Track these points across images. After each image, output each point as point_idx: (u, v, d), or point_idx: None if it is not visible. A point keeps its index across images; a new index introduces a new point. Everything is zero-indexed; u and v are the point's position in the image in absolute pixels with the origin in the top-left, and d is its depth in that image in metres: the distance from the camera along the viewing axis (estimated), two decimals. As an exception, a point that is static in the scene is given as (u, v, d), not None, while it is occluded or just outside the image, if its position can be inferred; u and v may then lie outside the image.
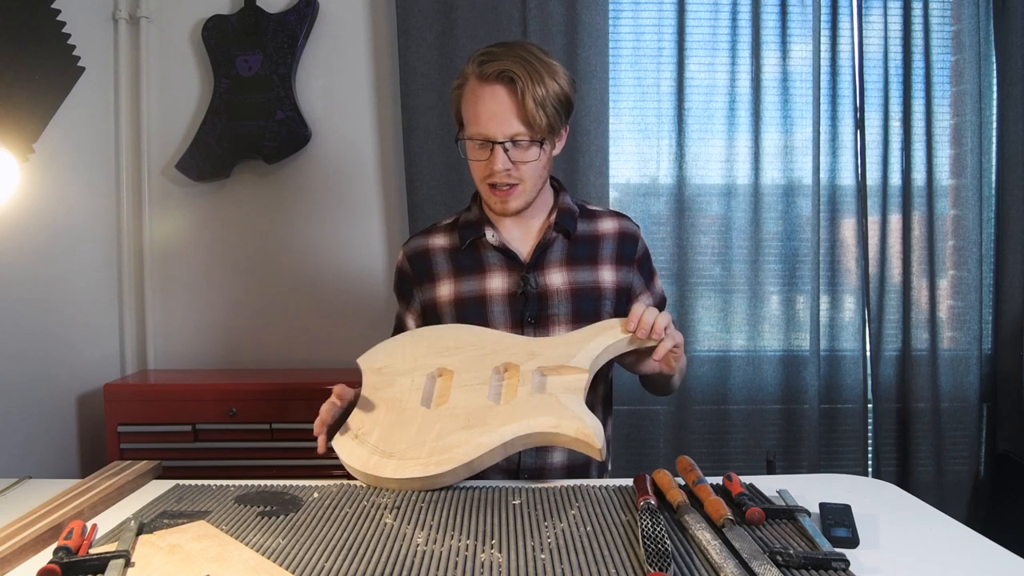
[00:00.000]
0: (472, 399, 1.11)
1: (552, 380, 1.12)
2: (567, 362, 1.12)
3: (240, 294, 2.19)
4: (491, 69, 1.17)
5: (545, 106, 1.17)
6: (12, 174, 1.17)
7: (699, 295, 2.18)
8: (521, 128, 1.18)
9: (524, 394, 1.10)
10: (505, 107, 1.17)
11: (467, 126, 1.22)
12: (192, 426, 1.86)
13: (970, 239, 2.15)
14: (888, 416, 2.19)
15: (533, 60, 1.18)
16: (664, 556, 0.79)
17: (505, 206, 1.24)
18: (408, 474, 1.04)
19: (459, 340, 1.19)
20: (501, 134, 1.17)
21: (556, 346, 1.15)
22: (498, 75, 1.17)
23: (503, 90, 1.17)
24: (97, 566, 0.80)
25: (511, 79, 1.16)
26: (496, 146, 1.18)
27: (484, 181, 1.23)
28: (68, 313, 1.96)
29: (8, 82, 1.62)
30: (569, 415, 1.05)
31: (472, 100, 1.20)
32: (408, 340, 1.22)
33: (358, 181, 2.19)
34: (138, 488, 1.12)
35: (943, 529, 0.95)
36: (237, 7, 2.11)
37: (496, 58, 1.18)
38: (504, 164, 1.19)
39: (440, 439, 1.07)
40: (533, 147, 1.20)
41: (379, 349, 1.22)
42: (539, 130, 1.18)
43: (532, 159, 1.20)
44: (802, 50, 2.15)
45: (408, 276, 1.34)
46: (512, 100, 1.17)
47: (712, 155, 2.17)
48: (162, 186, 2.18)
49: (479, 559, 0.83)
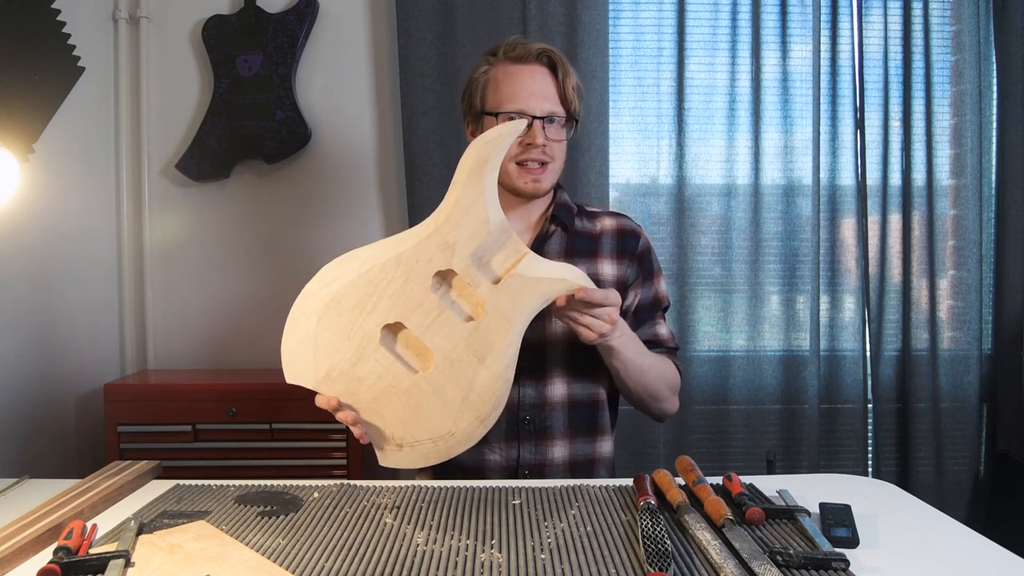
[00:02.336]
0: (451, 332, 1.00)
1: (496, 260, 1.03)
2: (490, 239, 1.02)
3: (240, 294, 2.19)
4: (532, 49, 1.24)
5: (576, 92, 1.25)
6: (12, 174, 1.17)
7: (699, 295, 2.18)
8: (559, 107, 1.24)
9: (489, 291, 1.01)
10: (546, 85, 1.23)
11: (503, 104, 1.23)
12: (192, 426, 1.86)
13: (970, 239, 2.15)
14: (888, 416, 2.19)
15: (560, 53, 1.26)
16: (664, 556, 0.79)
17: (538, 185, 1.26)
18: (481, 432, 1.02)
19: (352, 285, 1.03)
20: (540, 110, 1.22)
21: (459, 223, 1.02)
22: (538, 55, 1.24)
23: (543, 70, 1.24)
24: (97, 566, 0.80)
25: (551, 60, 1.24)
26: (536, 121, 1.22)
27: (513, 160, 1.25)
28: (68, 313, 1.96)
29: (8, 82, 1.62)
30: (558, 271, 1.02)
31: (507, 80, 1.24)
32: (311, 326, 1.03)
33: (358, 181, 2.19)
34: (138, 488, 1.12)
35: (943, 529, 0.95)
36: (237, 7, 2.11)
37: (528, 43, 1.25)
38: (543, 139, 1.23)
39: (472, 392, 1.00)
40: (564, 127, 1.26)
41: (294, 356, 1.04)
42: (573, 111, 1.25)
43: (563, 139, 1.26)
44: (802, 50, 2.15)
45: None
46: (552, 79, 1.24)
47: (712, 155, 2.17)
48: (162, 186, 2.18)
49: (479, 559, 0.83)
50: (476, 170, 1.02)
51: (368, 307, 1.02)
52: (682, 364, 1.38)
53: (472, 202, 1.02)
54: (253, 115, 2.08)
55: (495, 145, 1.03)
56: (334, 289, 1.05)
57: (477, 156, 1.03)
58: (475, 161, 1.03)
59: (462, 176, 1.03)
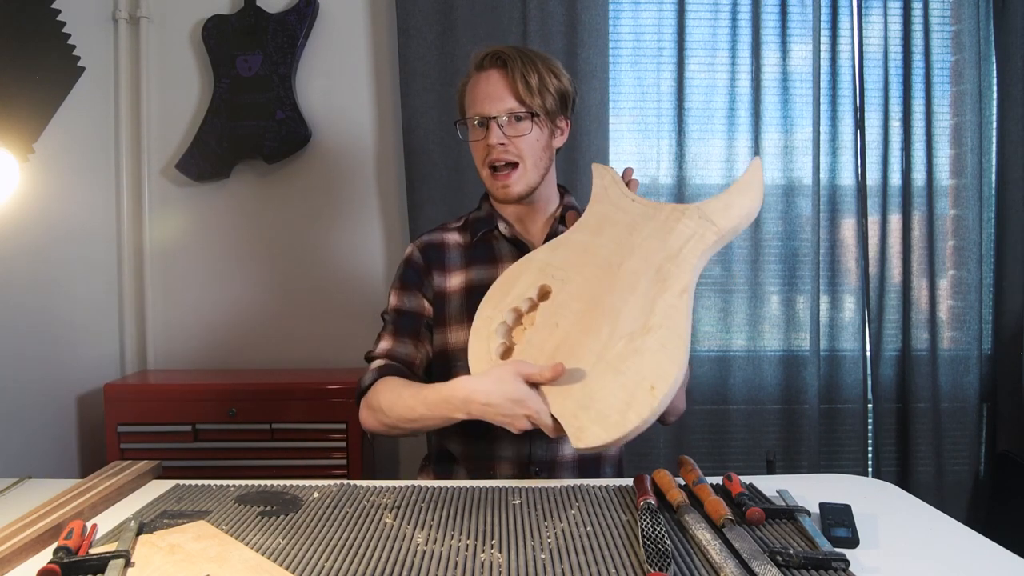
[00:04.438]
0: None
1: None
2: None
3: (240, 294, 2.19)
4: (484, 54, 1.27)
5: (539, 87, 1.24)
6: (12, 174, 1.17)
7: (699, 295, 2.18)
8: (513, 103, 1.24)
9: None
10: (499, 87, 1.24)
11: (466, 112, 1.29)
12: (192, 426, 1.86)
13: (970, 239, 2.15)
14: (888, 416, 2.19)
15: (528, 52, 1.28)
16: (664, 556, 0.79)
17: (507, 190, 1.26)
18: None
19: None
20: (494, 110, 1.24)
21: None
22: (492, 59, 1.26)
23: (496, 72, 1.26)
24: (97, 566, 0.80)
25: (503, 62, 1.25)
26: (491, 121, 1.23)
27: (485, 164, 1.27)
28: (68, 313, 1.96)
29: (8, 82, 1.62)
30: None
31: (471, 88, 1.28)
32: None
33: (358, 181, 2.19)
34: (138, 488, 1.12)
35: (943, 529, 0.95)
36: (237, 7, 2.11)
37: (488, 50, 1.28)
38: (499, 137, 1.24)
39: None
40: (525, 121, 1.25)
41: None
42: (531, 105, 1.24)
43: (525, 133, 1.25)
44: (802, 50, 2.15)
45: (419, 265, 1.33)
46: (504, 79, 1.24)
47: (712, 155, 2.17)
48: (162, 186, 2.18)
49: (479, 559, 0.83)
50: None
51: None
52: None
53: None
54: (253, 115, 2.08)
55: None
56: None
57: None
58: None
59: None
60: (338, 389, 1.88)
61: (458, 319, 1.28)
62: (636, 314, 0.99)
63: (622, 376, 0.95)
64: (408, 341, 1.28)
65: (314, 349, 2.18)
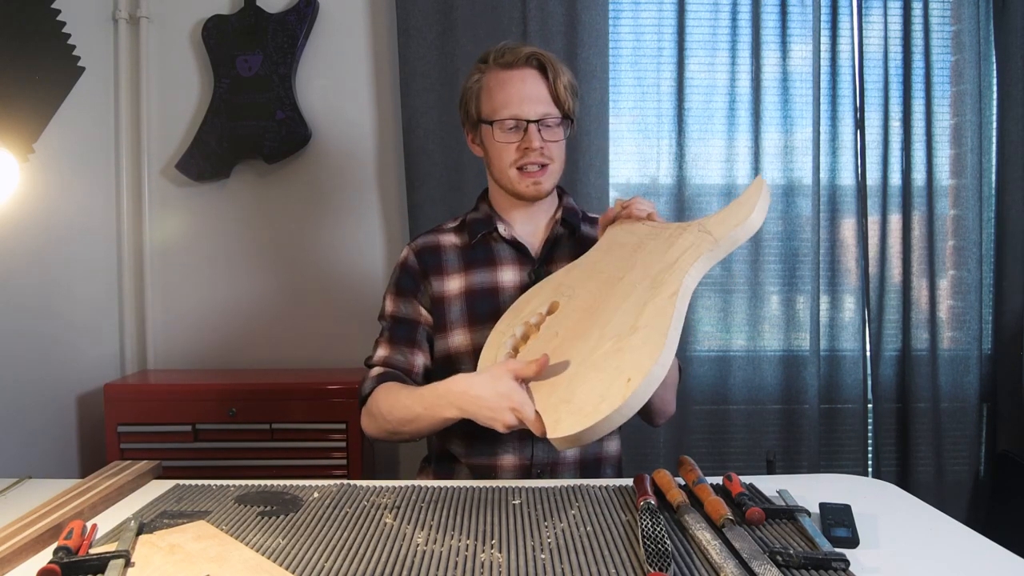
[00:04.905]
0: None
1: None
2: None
3: (240, 294, 2.19)
4: (521, 54, 1.24)
5: (569, 91, 1.25)
6: (12, 174, 1.17)
7: (699, 295, 2.18)
8: (552, 108, 1.24)
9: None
10: (538, 88, 1.24)
11: (497, 111, 1.25)
12: (192, 426, 1.86)
13: (970, 239, 2.14)
14: (888, 416, 2.19)
15: (549, 54, 1.26)
16: (664, 556, 0.79)
17: (539, 187, 1.27)
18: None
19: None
20: (535, 113, 1.23)
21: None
22: (527, 59, 1.24)
23: (533, 73, 1.24)
24: (97, 566, 0.80)
25: (540, 63, 1.24)
26: (531, 124, 1.22)
27: (513, 165, 1.26)
28: (68, 313, 1.96)
29: (8, 82, 1.62)
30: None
31: (499, 87, 1.25)
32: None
33: (358, 181, 2.19)
34: (138, 488, 1.12)
35: (943, 529, 0.95)
36: (237, 7, 2.11)
37: (517, 48, 1.25)
38: (539, 142, 1.23)
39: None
40: (561, 127, 1.26)
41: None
42: (567, 110, 1.25)
43: (560, 139, 1.26)
44: (802, 50, 2.15)
45: (415, 270, 1.31)
46: (543, 81, 1.24)
47: (712, 155, 2.17)
48: (162, 186, 2.18)
49: (479, 559, 0.83)
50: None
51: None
52: (681, 364, 1.38)
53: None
54: (253, 115, 2.08)
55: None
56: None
57: None
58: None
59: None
60: (338, 389, 1.88)
61: (459, 323, 1.27)
62: (626, 318, 1.01)
63: (603, 372, 0.96)
64: (404, 349, 1.28)
65: (314, 349, 2.18)
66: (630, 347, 0.96)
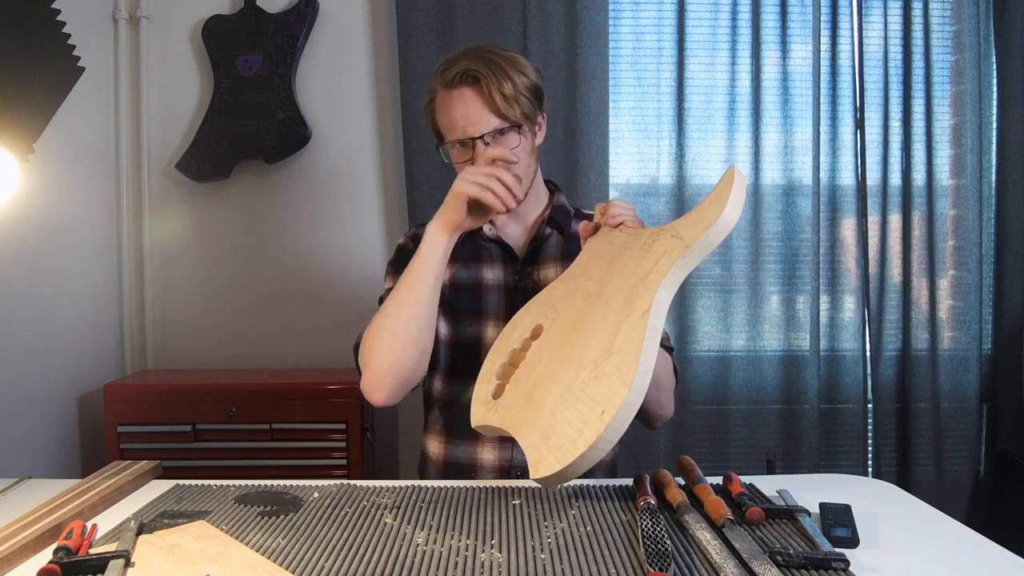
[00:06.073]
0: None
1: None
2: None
3: (240, 294, 2.19)
4: (453, 73, 1.19)
5: (515, 97, 1.18)
6: (12, 174, 1.17)
7: (699, 295, 2.18)
8: (495, 121, 1.19)
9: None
10: (476, 106, 1.18)
11: (446, 134, 1.23)
12: (192, 426, 1.86)
13: (970, 239, 2.15)
14: (888, 416, 2.19)
15: (493, 57, 1.19)
16: (664, 556, 0.79)
17: None
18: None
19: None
20: (476, 131, 1.18)
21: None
22: (461, 77, 1.18)
23: (470, 91, 1.18)
24: (97, 566, 0.80)
25: (475, 78, 1.18)
26: (477, 142, 1.18)
27: None
28: (68, 313, 1.96)
29: (8, 82, 1.62)
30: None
31: (444, 108, 1.21)
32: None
33: (358, 181, 2.19)
34: (138, 488, 1.12)
35: (943, 529, 0.94)
36: (237, 7, 2.11)
37: (456, 62, 1.20)
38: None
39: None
40: (511, 134, 1.20)
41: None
42: (514, 118, 1.19)
43: (514, 146, 1.20)
44: (802, 50, 2.15)
45: (411, 252, 1.28)
46: (481, 97, 1.18)
47: (712, 155, 2.17)
48: (162, 186, 2.18)
49: (479, 559, 0.83)
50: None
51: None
52: (679, 365, 1.38)
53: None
54: (253, 115, 2.08)
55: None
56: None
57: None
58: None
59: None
60: (338, 389, 1.88)
61: (440, 313, 1.26)
62: (604, 339, 0.97)
63: (580, 404, 0.93)
64: None
65: (314, 349, 2.18)
66: (605, 374, 0.93)
